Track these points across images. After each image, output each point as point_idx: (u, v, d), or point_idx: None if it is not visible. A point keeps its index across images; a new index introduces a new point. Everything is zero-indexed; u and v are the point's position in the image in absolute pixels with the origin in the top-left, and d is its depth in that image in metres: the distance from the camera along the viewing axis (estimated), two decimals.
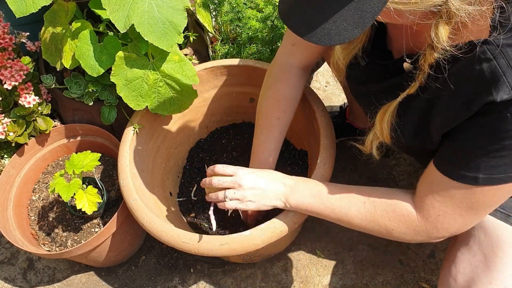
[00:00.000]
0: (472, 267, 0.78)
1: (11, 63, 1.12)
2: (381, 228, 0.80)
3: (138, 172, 1.09)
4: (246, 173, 0.88)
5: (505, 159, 0.64)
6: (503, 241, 0.77)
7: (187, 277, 1.29)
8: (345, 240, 1.31)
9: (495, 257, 0.76)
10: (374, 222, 0.81)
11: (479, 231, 0.80)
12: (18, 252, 1.38)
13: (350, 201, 0.83)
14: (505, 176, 0.65)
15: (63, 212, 1.22)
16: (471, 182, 0.68)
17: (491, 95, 0.59)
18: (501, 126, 0.61)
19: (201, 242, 0.90)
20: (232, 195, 0.87)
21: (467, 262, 0.79)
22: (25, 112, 1.15)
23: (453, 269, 0.81)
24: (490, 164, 0.65)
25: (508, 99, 0.58)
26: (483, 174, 0.66)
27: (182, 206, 1.26)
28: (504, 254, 0.75)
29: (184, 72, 1.07)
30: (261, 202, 0.87)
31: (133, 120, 1.13)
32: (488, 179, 0.66)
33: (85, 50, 1.04)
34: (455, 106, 0.65)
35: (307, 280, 1.25)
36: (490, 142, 0.63)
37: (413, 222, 0.77)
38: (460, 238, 0.84)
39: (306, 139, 1.23)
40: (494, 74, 0.59)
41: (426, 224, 0.76)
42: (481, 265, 0.77)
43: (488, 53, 0.59)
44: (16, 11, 0.96)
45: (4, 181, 1.21)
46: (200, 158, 1.35)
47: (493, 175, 0.66)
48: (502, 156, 0.64)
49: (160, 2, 0.95)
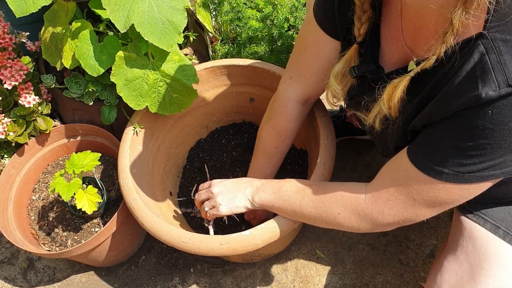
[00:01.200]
0: (458, 277, 0.78)
1: (11, 63, 1.12)
2: (329, 214, 0.82)
3: (138, 172, 1.10)
4: (217, 182, 0.96)
5: (475, 158, 0.62)
6: (490, 254, 0.76)
7: (187, 276, 1.29)
8: (345, 240, 1.31)
9: (481, 269, 0.76)
10: (322, 209, 0.83)
11: (468, 242, 0.80)
12: (18, 252, 1.38)
13: (304, 192, 0.86)
14: (470, 176, 0.64)
15: (63, 211, 1.23)
16: (435, 175, 0.66)
17: (477, 90, 0.58)
18: (480, 122, 0.59)
19: (201, 242, 0.90)
20: (208, 204, 0.95)
21: (453, 271, 0.79)
22: (25, 112, 1.15)
23: (438, 278, 0.81)
24: (458, 161, 0.63)
25: (494, 97, 0.57)
26: (449, 170, 0.65)
27: (182, 206, 1.26)
28: (490, 267, 0.75)
29: (184, 72, 1.07)
30: (233, 204, 0.93)
31: (133, 120, 1.13)
32: (453, 176, 0.65)
33: (85, 50, 1.04)
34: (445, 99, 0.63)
35: (307, 279, 1.25)
36: (464, 137, 0.62)
37: (359, 204, 0.78)
38: (448, 246, 0.84)
39: (306, 139, 1.23)
40: (483, 69, 0.58)
41: (372, 206, 0.76)
42: (467, 276, 0.77)
43: (481, 47, 0.58)
44: (16, 11, 0.96)
45: (4, 181, 1.21)
46: (200, 158, 1.35)
47: (459, 173, 0.64)
48: (472, 156, 0.62)
49: (160, 2, 0.95)
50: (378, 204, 0.76)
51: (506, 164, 0.62)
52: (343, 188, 0.82)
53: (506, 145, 0.60)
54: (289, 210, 0.88)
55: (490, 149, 0.60)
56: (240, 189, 0.93)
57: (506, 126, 0.58)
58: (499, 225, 0.78)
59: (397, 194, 0.73)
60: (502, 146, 0.60)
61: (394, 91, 0.71)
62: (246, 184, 0.94)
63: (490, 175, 0.63)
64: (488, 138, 0.60)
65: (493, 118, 0.58)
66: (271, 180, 0.94)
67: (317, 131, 1.07)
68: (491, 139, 0.60)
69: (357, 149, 1.49)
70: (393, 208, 0.74)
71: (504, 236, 0.77)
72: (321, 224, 0.86)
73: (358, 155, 1.47)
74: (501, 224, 0.78)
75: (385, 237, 1.30)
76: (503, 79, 0.56)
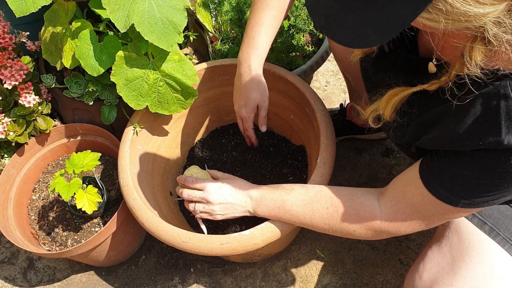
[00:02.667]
0: (439, 267, 0.79)
1: (11, 63, 1.12)
2: (343, 230, 0.83)
3: (138, 172, 1.10)
4: (214, 189, 0.93)
5: (491, 193, 0.64)
6: (473, 247, 0.77)
7: (187, 276, 1.29)
8: (344, 239, 1.31)
9: (462, 261, 0.77)
10: (336, 226, 0.83)
11: (453, 234, 0.81)
12: (18, 252, 1.38)
13: (313, 207, 0.85)
14: (484, 204, 0.66)
15: (63, 211, 1.23)
16: (451, 203, 0.68)
17: (500, 136, 0.56)
18: (500, 166, 0.59)
19: (201, 242, 0.90)
20: (201, 209, 0.94)
21: (435, 261, 0.80)
22: (25, 111, 1.15)
23: (421, 266, 0.82)
24: (475, 195, 0.65)
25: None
26: (465, 200, 0.67)
27: (182, 206, 1.26)
28: (471, 260, 0.76)
29: (184, 72, 1.07)
30: (230, 215, 0.94)
31: (133, 119, 1.13)
32: (468, 205, 0.67)
33: (85, 50, 1.04)
34: (459, 131, 0.61)
35: (307, 279, 1.26)
36: (483, 177, 0.63)
37: (375, 223, 0.79)
38: (434, 237, 0.85)
39: (306, 138, 1.23)
40: (509, 115, 0.55)
41: (389, 226, 0.78)
42: (447, 267, 0.78)
43: (509, 89, 0.55)
44: (16, 11, 0.96)
45: (4, 181, 1.21)
46: (200, 157, 1.35)
47: (474, 204, 0.66)
48: (489, 191, 0.64)
49: (160, 2, 0.95)
50: (395, 224, 0.77)
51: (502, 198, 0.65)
52: (355, 206, 0.81)
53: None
54: (298, 223, 0.88)
55: (506, 185, 0.62)
56: (239, 201, 0.92)
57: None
58: (486, 221, 0.79)
59: (414, 216, 0.75)
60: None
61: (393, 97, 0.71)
62: (244, 195, 0.92)
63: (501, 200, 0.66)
64: (506, 178, 0.61)
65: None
66: (270, 189, 0.91)
67: (317, 131, 1.07)
68: (510, 178, 0.61)
69: (357, 149, 1.49)
70: (410, 227, 0.77)
71: (490, 232, 0.78)
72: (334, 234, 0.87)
73: (358, 155, 1.47)
74: (488, 220, 0.79)
75: None
76: None
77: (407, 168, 0.78)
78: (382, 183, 1.39)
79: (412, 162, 0.79)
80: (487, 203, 0.66)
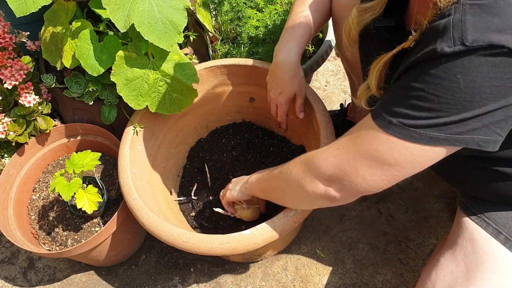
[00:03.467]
0: (453, 276, 0.78)
1: (11, 63, 1.12)
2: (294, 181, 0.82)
3: (138, 172, 1.10)
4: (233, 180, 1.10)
5: (421, 112, 0.61)
6: (489, 258, 0.76)
7: (187, 276, 1.29)
8: (344, 239, 1.31)
9: (477, 272, 0.75)
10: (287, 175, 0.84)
11: (468, 243, 0.79)
12: (19, 252, 1.38)
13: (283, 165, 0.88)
14: (415, 132, 0.62)
15: (63, 211, 1.23)
16: (382, 123, 0.65)
17: (435, 44, 0.58)
18: (432, 71, 0.59)
19: (201, 241, 0.90)
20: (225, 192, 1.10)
21: (449, 270, 0.79)
22: (25, 111, 1.15)
23: (433, 274, 0.81)
24: (406, 112, 0.62)
25: (447, 52, 0.57)
26: (396, 120, 0.63)
27: (182, 206, 1.26)
28: (486, 271, 0.75)
29: (184, 72, 1.07)
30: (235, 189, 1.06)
31: (133, 119, 1.14)
32: (398, 129, 0.63)
33: (85, 50, 1.04)
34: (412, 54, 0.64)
35: (307, 279, 1.26)
36: (415, 85, 0.61)
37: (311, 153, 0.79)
38: (447, 244, 0.84)
39: (306, 138, 1.23)
40: (445, 26, 0.58)
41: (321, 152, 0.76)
42: (462, 276, 0.77)
43: (452, 10, 0.58)
44: (16, 11, 0.96)
45: (4, 181, 1.21)
46: (200, 157, 1.35)
47: (405, 126, 0.63)
48: (420, 107, 0.61)
49: (160, 2, 0.95)
50: (327, 152, 0.75)
51: (452, 130, 0.61)
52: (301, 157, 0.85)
53: (453, 103, 0.59)
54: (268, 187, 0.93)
55: (437, 102, 0.59)
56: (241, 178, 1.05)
57: (455, 84, 0.58)
58: (501, 231, 0.78)
59: (346, 143, 0.72)
60: (449, 103, 0.59)
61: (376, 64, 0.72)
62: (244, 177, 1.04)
63: (435, 138, 0.62)
64: (437, 89, 0.59)
65: (444, 71, 0.58)
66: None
67: (317, 131, 1.07)
68: (440, 91, 0.59)
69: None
70: (338, 156, 0.72)
71: (505, 242, 0.77)
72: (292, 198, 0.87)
73: None
74: (503, 230, 0.78)
75: (385, 237, 1.30)
76: (459, 36, 0.56)
77: None
78: None
79: None
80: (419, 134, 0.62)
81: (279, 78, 1.05)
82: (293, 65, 1.02)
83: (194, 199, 1.25)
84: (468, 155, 0.77)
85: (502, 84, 0.57)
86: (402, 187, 1.39)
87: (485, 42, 0.55)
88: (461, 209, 0.86)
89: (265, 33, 1.34)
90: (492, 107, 0.58)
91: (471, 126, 0.60)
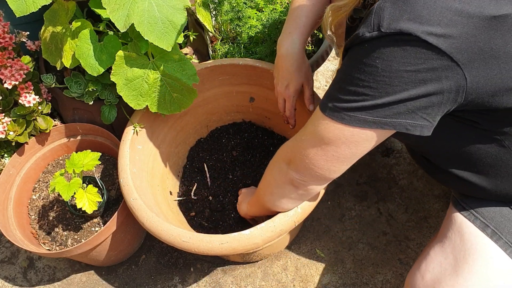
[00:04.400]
0: (441, 268, 0.79)
1: (11, 62, 1.12)
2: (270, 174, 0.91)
3: (138, 171, 1.10)
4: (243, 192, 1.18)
5: (350, 95, 0.65)
6: (476, 250, 0.77)
7: (187, 276, 1.29)
8: (344, 239, 1.31)
9: (464, 263, 0.77)
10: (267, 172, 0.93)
11: (456, 235, 0.81)
12: (18, 251, 1.38)
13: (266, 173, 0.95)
14: (345, 115, 0.67)
15: (63, 211, 1.23)
16: (322, 109, 0.71)
17: (359, 29, 0.63)
18: (356, 57, 0.64)
19: (201, 241, 0.90)
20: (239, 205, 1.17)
21: (438, 262, 0.80)
22: (25, 111, 1.15)
23: (423, 266, 0.83)
24: (338, 95, 0.67)
25: (366, 37, 0.61)
26: (331, 104, 0.68)
27: (182, 206, 1.26)
28: (474, 263, 0.76)
29: (184, 72, 1.07)
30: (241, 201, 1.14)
31: (133, 119, 1.14)
32: (332, 112, 0.68)
33: (85, 50, 1.04)
34: None
35: (307, 279, 1.26)
36: (344, 71, 0.67)
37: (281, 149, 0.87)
38: (437, 238, 0.85)
39: None
40: (369, 13, 0.62)
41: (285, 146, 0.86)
42: (450, 268, 0.78)
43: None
44: (16, 10, 0.96)
45: (4, 180, 1.21)
46: (200, 157, 1.35)
47: (337, 108, 0.67)
48: (349, 91, 0.65)
49: (160, 1, 0.95)
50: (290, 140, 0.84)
51: (379, 113, 0.64)
52: None
53: (375, 87, 0.62)
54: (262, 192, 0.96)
55: (361, 86, 0.63)
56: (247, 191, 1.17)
57: (375, 68, 0.61)
58: (488, 224, 0.79)
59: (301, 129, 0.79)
60: (371, 87, 0.63)
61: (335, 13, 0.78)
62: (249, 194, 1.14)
63: (363, 120, 0.66)
64: (360, 73, 0.63)
65: (365, 55, 0.62)
66: None
67: None
68: (363, 75, 0.63)
69: None
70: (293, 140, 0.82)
71: (492, 235, 0.78)
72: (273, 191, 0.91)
73: None
74: (490, 223, 0.79)
75: (385, 237, 1.30)
76: (377, 23, 0.60)
77: None
78: (382, 183, 1.39)
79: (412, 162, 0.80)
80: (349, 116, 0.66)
81: (285, 69, 1.02)
82: (298, 55, 1.00)
83: (194, 199, 1.25)
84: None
85: (417, 70, 0.60)
86: (402, 187, 1.39)
87: (396, 29, 0.59)
88: (452, 204, 0.88)
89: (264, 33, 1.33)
90: (413, 92, 0.62)
91: (396, 110, 0.64)
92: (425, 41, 0.58)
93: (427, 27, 0.58)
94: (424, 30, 0.58)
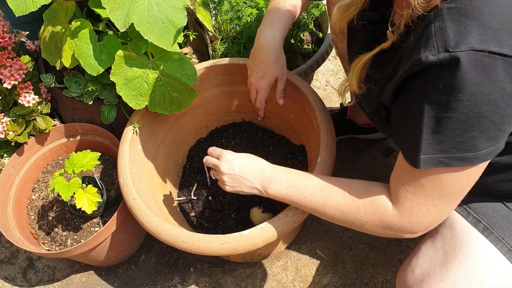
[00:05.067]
0: (431, 262, 0.79)
1: (10, 62, 1.12)
2: (356, 220, 0.79)
3: (138, 171, 1.09)
4: (227, 159, 0.91)
5: (440, 135, 0.61)
6: (466, 244, 0.77)
7: (187, 276, 1.29)
8: (345, 239, 1.31)
9: (454, 258, 0.77)
10: (350, 214, 0.79)
11: (447, 230, 0.81)
12: (18, 252, 1.38)
13: (329, 192, 0.82)
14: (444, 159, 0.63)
15: (62, 211, 1.22)
16: (428, 165, 0.65)
17: (419, 54, 0.60)
18: (427, 88, 0.60)
19: (201, 241, 0.90)
20: (215, 175, 0.96)
21: (428, 257, 0.80)
22: (24, 111, 1.15)
23: (413, 261, 0.82)
24: (432, 142, 0.63)
25: (432, 61, 0.58)
26: (426, 156, 0.64)
27: (182, 206, 1.26)
28: (463, 257, 0.76)
29: (184, 71, 1.06)
30: (237, 188, 0.90)
31: (133, 119, 1.13)
32: (436, 163, 0.64)
33: (85, 49, 1.04)
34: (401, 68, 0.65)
35: (307, 279, 1.25)
36: (421, 110, 0.61)
37: (388, 215, 0.75)
38: (429, 233, 0.84)
39: (306, 138, 1.23)
40: (428, 35, 0.60)
41: (400, 217, 0.74)
42: (440, 262, 0.78)
43: (432, 16, 0.60)
44: (15, 10, 0.96)
45: (3, 180, 1.21)
46: (200, 157, 1.34)
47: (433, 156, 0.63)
48: (437, 132, 0.61)
49: (160, 1, 0.95)
50: (405, 215, 0.73)
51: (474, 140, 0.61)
52: (371, 195, 0.79)
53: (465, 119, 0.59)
54: (309, 207, 0.84)
55: (451, 123, 0.60)
56: (247, 178, 0.88)
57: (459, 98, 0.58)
58: (480, 220, 0.79)
59: (417, 199, 0.71)
60: (461, 120, 0.59)
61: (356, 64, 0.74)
62: (255, 173, 0.89)
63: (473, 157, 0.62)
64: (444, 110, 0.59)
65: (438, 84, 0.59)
66: (285, 169, 0.89)
67: (317, 130, 1.07)
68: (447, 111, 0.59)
69: (357, 148, 1.48)
70: (419, 214, 0.72)
71: (483, 231, 0.78)
72: (342, 224, 0.83)
73: (358, 154, 1.47)
74: (482, 219, 0.79)
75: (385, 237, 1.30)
76: (442, 44, 0.58)
77: None
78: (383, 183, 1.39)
79: None
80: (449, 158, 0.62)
81: (262, 61, 1.01)
82: (276, 48, 0.99)
83: (193, 199, 1.24)
84: None
85: (501, 88, 0.57)
86: None
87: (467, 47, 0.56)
88: None
89: None
90: None
91: None
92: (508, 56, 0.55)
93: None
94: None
